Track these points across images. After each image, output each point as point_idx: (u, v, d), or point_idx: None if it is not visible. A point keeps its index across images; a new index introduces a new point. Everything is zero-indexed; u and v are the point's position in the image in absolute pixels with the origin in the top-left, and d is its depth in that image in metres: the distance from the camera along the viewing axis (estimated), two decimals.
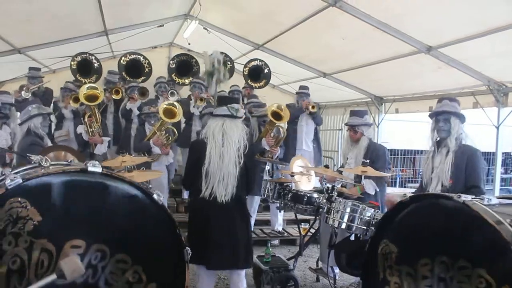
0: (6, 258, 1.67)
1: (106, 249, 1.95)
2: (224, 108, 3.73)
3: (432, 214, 2.31)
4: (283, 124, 6.78)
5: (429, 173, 3.90)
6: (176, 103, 6.14)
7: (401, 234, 2.49)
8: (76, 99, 6.67)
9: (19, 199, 1.71)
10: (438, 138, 3.92)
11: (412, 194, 2.52)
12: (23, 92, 6.79)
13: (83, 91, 6.01)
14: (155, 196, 2.13)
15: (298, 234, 5.54)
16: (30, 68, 7.45)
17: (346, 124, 5.25)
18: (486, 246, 1.93)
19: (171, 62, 8.91)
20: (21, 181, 1.69)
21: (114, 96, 7.22)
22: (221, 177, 3.60)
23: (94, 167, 1.94)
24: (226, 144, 3.64)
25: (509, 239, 1.76)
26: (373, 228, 2.71)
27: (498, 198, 2.27)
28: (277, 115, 6.36)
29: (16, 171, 1.97)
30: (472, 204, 2.02)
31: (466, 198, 2.08)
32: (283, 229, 7.08)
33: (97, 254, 1.93)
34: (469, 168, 3.69)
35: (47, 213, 1.78)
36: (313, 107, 7.48)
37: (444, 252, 2.11)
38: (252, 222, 6.59)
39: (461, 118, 3.83)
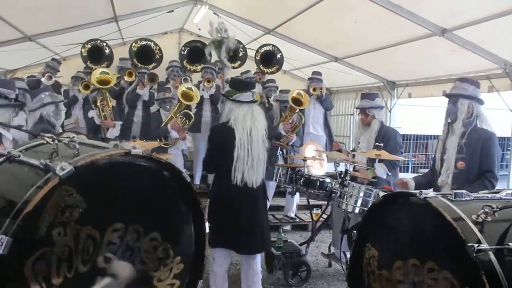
0: (57, 248, 1.65)
1: (141, 229, 1.97)
2: (249, 94, 3.71)
3: (403, 214, 2.20)
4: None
5: (441, 155, 3.84)
6: (192, 86, 6.15)
7: (380, 237, 2.37)
8: (86, 86, 6.72)
9: (66, 187, 1.66)
10: (450, 121, 3.86)
11: (385, 194, 2.40)
12: (44, 79, 6.89)
13: (95, 75, 6.04)
14: (184, 175, 2.17)
15: (310, 220, 5.54)
16: (53, 59, 7.63)
17: (357, 108, 5.19)
18: (448, 246, 1.80)
19: (182, 48, 8.84)
20: (73, 170, 1.63)
21: (127, 78, 7.21)
22: (252, 163, 3.61)
23: (136, 149, 1.91)
24: (254, 130, 3.63)
25: (466, 238, 1.63)
26: (354, 231, 2.59)
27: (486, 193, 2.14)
28: (297, 101, 6.34)
29: (20, 148, 1.95)
30: (434, 200, 1.89)
31: (428, 194, 1.95)
32: (295, 214, 7.08)
33: (133, 235, 1.94)
34: (484, 152, 3.61)
35: (91, 199, 1.75)
36: (314, 89, 7.44)
37: (414, 254, 1.98)
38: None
39: (473, 99, 3.70)
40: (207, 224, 2.37)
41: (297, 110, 6.37)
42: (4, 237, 1.41)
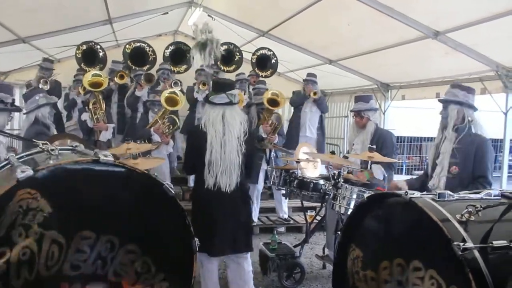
0: (17, 249, 1.65)
1: (115, 240, 1.93)
2: (223, 96, 3.63)
3: (389, 214, 2.23)
4: (280, 111, 6.80)
5: (433, 159, 3.85)
6: (178, 91, 6.14)
7: (365, 237, 2.39)
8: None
9: (29, 190, 1.67)
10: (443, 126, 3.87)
11: (370, 194, 2.44)
12: (40, 85, 6.89)
13: (87, 77, 6.05)
14: (165, 187, 2.10)
15: (304, 222, 5.54)
16: (44, 59, 7.58)
17: (351, 111, 5.18)
18: (433, 245, 1.83)
19: (165, 50, 8.77)
20: (32, 173, 1.65)
21: (118, 80, 7.19)
22: (225, 167, 3.56)
23: (106, 157, 1.90)
24: (227, 133, 3.57)
25: (451, 237, 1.67)
26: (339, 232, 2.62)
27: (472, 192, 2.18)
28: (273, 102, 6.35)
29: (22, 155, 1.96)
30: (419, 201, 1.92)
31: (413, 194, 1.98)
32: (289, 216, 7.09)
33: (106, 245, 1.91)
34: (477, 157, 3.60)
35: (57, 204, 1.75)
36: (315, 93, 7.48)
37: (400, 253, 2.02)
38: (257, 210, 6.62)
39: (463, 104, 3.69)
40: (196, 242, 2.23)
41: (274, 111, 6.40)
42: None
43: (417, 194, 2.00)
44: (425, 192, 2.06)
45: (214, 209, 3.63)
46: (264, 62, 8.59)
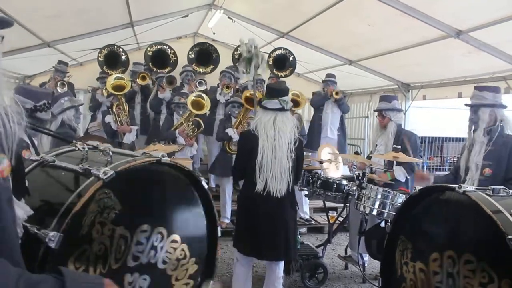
0: (95, 245, 1.76)
1: (164, 231, 2.08)
2: (275, 101, 3.67)
3: (440, 207, 2.25)
4: (300, 111, 6.83)
5: (466, 162, 3.81)
6: (204, 95, 6.22)
7: (415, 229, 2.42)
8: None
9: (106, 190, 1.79)
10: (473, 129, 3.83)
11: (422, 187, 2.46)
12: (58, 88, 7.04)
13: (110, 81, 6.19)
14: (203, 183, 2.30)
15: (326, 222, 5.56)
16: (60, 62, 7.70)
17: (375, 110, 5.21)
18: (486, 238, 1.84)
19: (190, 52, 8.88)
20: (115, 174, 1.76)
21: (140, 82, 7.30)
22: (275, 172, 3.58)
23: (165, 158, 2.06)
24: (278, 138, 3.60)
25: (505, 230, 1.66)
26: (389, 224, 2.66)
27: None
28: (294, 102, 6.41)
29: (57, 152, 2.04)
30: (473, 194, 1.93)
31: (467, 188, 1.98)
32: (310, 217, 7.10)
33: (157, 236, 2.05)
34: (511, 159, 3.57)
35: (125, 202, 1.87)
36: (336, 93, 7.47)
37: (451, 246, 2.03)
38: None
39: (494, 106, 3.66)
40: (219, 229, 2.42)
41: (295, 111, 6.44)
42: (56, 233, 1.53)
43: (470, 188, 2.01)
44: (478, 187, 2.07)
45: (261, 213, 3.65)
46: (282, 62, 8.59)
